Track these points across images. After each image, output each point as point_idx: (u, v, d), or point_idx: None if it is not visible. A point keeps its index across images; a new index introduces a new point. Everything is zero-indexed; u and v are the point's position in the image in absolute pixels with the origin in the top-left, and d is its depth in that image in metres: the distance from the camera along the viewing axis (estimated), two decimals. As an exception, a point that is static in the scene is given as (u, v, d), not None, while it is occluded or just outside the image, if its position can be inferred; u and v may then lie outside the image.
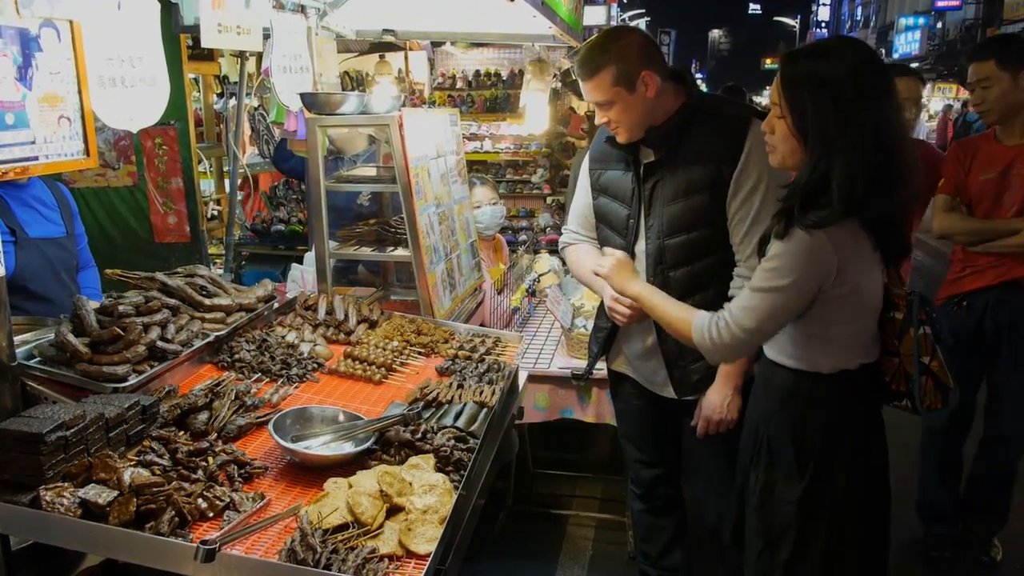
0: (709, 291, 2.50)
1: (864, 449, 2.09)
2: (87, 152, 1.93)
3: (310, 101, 3.01)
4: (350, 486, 1.77)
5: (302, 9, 3.39)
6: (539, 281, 4.32)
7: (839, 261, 1.89)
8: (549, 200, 8.30)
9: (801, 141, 1.91)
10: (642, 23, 34.78)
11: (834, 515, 2.07)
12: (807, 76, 1.88)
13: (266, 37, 3.15)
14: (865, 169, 1.83)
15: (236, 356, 2.40)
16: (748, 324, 1.99)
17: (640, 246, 2.57)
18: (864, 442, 2.09)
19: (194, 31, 3.83)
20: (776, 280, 1.93)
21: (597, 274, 2.46)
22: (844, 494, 2.06)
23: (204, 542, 1.49)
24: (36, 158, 1.80)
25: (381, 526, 1.68)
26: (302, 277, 3.48)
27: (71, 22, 1.86)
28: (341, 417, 2.12)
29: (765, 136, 2.03)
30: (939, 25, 28.50)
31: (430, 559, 1.59)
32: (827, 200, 1.85)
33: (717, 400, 2.54)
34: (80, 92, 1.89)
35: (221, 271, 4.38)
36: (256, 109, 4.98)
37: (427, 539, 1.65)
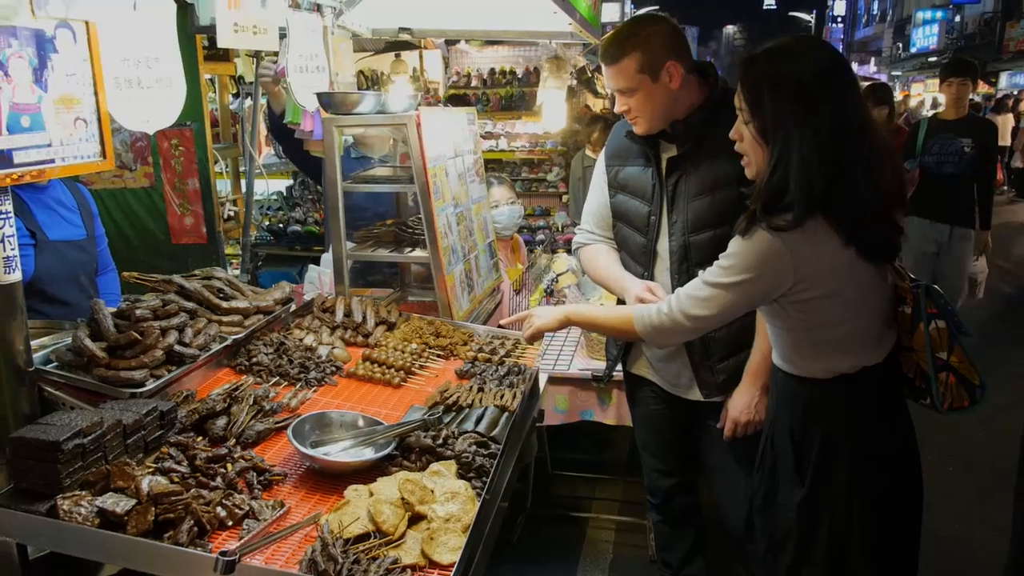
0: None
1: (871, 455, 2.01)
2: (104, 154, 1.91)
3: (327, 101, 2.98)
4: (371, 494, 1.74)
5: (318, 8, 3.36)
6: (557, 281, 4.28)
7: (796, 267, 1.84)
8: (565, 198, 8.26)
9: (766, 144, 1.88)
10: (656, 19, 34.57)
11: (835, 522, 2.01)
12: (765, 77, 1.86)
13: (282, 36, 3.12)
14: (821, 165, 1.79)
15: (254, 359, 2.38)
16: (693, 312, 2.02)
17: (663, 244, 2.52)
18: (870, 448, 2.01)
19: (210, 31, 3.81)
20: (727, 277, 1.94)
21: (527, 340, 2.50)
22: (845, 502, 2.00)
23: (223, 553, 1.46)
24: (52, 161, 1.77)
25: (403, 535, 1.64)
26: (319, 278, 3.46)
27: (87, 23, 1.83)
28: (360, 422, 2.09)
29: (736, 145, 2.00)
30: (957, 18, 28.21)
31: (454, 569, 1.55)
32: (789, 201, 1.81)
33: (744, 400, 2.49)
34: (96, 94, 1.87)
35: (237, 272, 4.37)
36: (269, 122, 4.95)
37: (450, 548, 1.61)
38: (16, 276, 1.76)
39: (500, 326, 2.76)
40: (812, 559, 2.06)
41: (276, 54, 3.28)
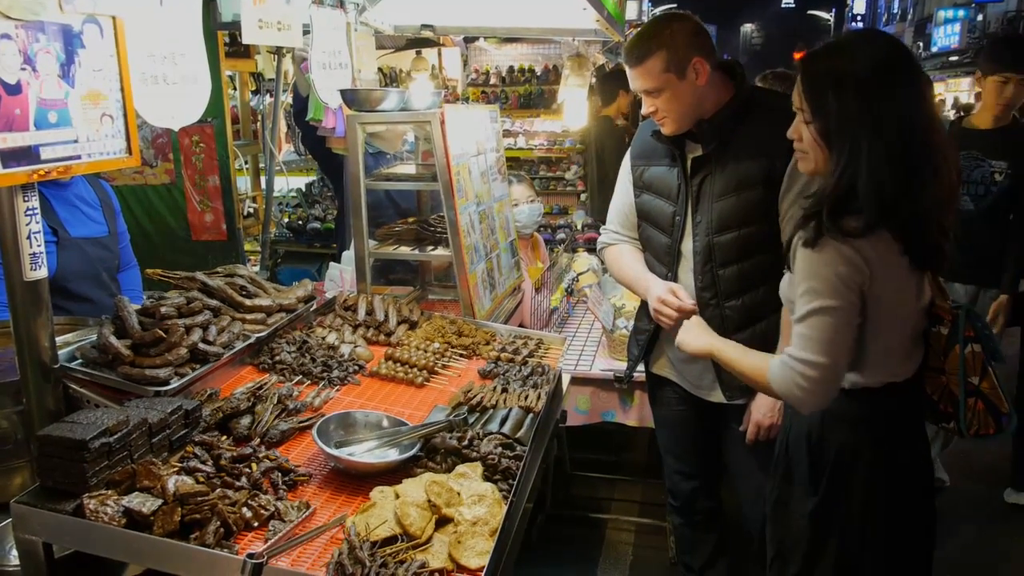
0: (759, 291, 2.43)
1: (888, 471, 1.96)
2: (129, 151, 1.89)
3: (350, 98, 2.97)
4: (397, 496, 1.72)
5: (341, 4, 3.35)
6: (577, 280, 4.26)
7: (871, 270, 1.78)
8: (583, 197, 8.23)
9: (827, 146, 1.80)
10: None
11: (847, 535, 1.97)
12: (828, 75, 1.78)
13: (305, 33, 3.10)
14: (892, 170, 1.71)
15: (277, 358, 2.36)
16: (815, 358, 1.80)
17: (687, 244, 2.50)
18: (888, 464, 1.96)
19: (232, 28, 3.82)
20: (813, 302, 1.80)
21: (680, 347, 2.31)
22: (860, 515, 1.95)
23: (251, 555, 1.45)
24: (79, 157, 1.76)
25: (430, 538, 1.62)
26: (340, 276, 3.45)
27: (114, 18, 1.81)
28: (385, 422, 2.07)
29: (794, 143, 1.92)
30: (979, 17, 27.88)
31: (483, 574, 1.53)
32: (857, 207, 1.74)
33: (768, 403, 2.46)
34: (122, 89, 1.85)
35: (257, 269, 4.37)
36: (291, 106, 4.96)
37: (478, 552, 1.59)
38: (42, 273, 1.75)
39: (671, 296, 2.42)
40: (820, 570, 2.01)
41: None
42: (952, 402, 1.96)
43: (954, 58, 26.66)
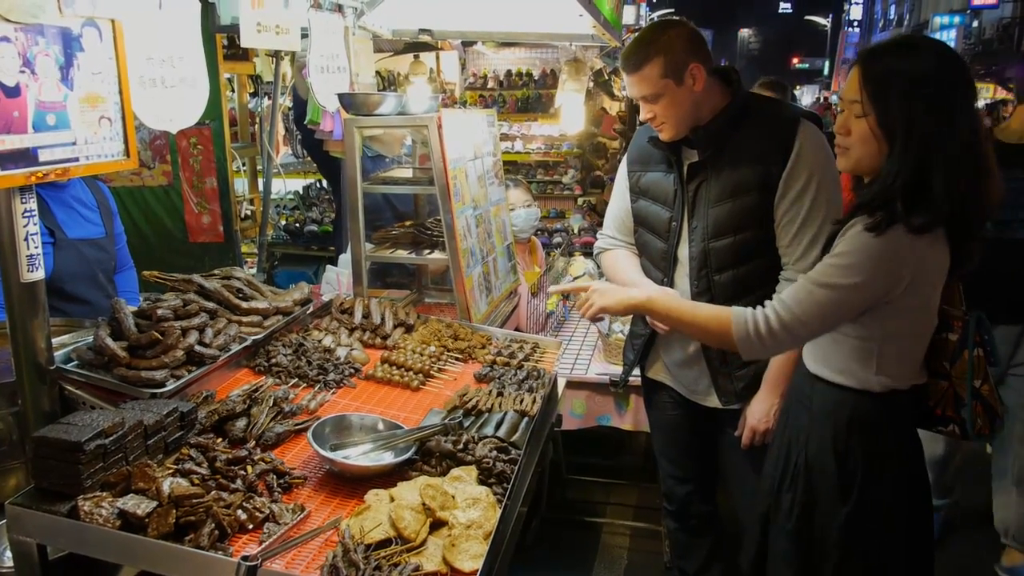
0: (755, 295, 2.43)
1: (911, 476, 1.98)
2: (127, 153, 1.90)
3: (348, 102, 2.98)
4: (392, 499, 1.73)
5: (339, 8, 3.36)
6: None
7: (913, 271, 1.78)
8: (580, 201, 8.25)
9: (886, 141, 1.79)
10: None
11: (874, 543, 1.97)
12: (895, 72, 1.77)
13: (303, 36, 3.11)
14: (964, 170, 1.74)
15: (273, 360, 2.37)
16: (802, 317, 1.87)
17: (683, 250, 2.51)
18: (910, 468, 1.99)
19: (230, 31, 3.84)
20: (843, 278, 1.82)
21: (590, 319, 2.35)
22: (885, 522, 1.96)
23: (245, 558, 1.45)
24: (77, 159, 1.77)
25: (424, 541, 1.63)
26: (337, 279, 3.45)
27: (113, 21, 1.82)
28: (380, 426, 2.08)
29: (837, 138, 1.91)
30: (975, 24, 28.01)
31: (476, 577, 1.54)
32: (927, 203, 1.74)
33: (763, 409, 2.47)
34: (121, 92, 1.86)
35: (253, 271, 4.37)
36: (290, 109, 4.97)
37: (472, 556, 1.60)
38: (39, 274, 1.76)
39: (558, 293, 2.44)
40: None
41: (294, 54, 3.27)
42: (956, 406, 1.97)
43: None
